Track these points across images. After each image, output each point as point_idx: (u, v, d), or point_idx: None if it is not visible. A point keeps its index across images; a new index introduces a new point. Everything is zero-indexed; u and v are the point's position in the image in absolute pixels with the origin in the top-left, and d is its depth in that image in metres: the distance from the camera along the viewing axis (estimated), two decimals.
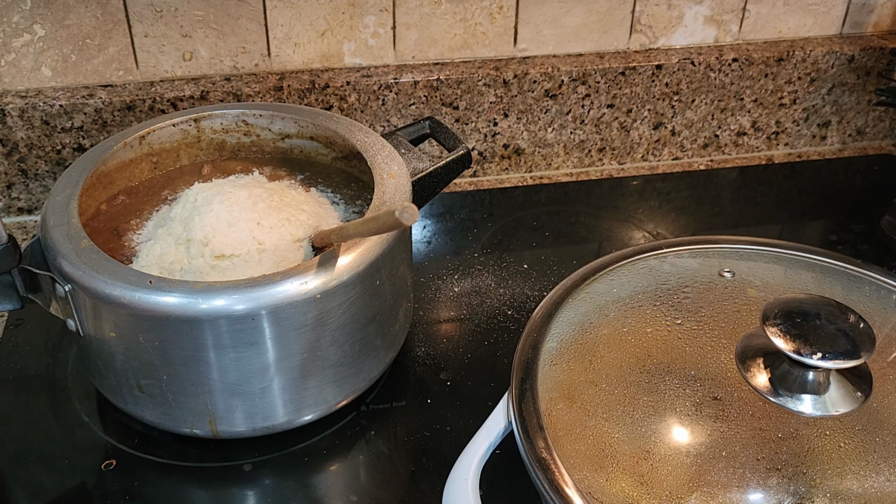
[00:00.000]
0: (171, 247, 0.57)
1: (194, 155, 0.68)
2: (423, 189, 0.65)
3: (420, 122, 0.70)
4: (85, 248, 0.53)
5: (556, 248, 0.80)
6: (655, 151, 0.95)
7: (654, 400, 0.50)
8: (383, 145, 0.64)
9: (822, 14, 0.94)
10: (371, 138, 0.64)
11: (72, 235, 0.54)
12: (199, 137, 0.68)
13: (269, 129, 0.68)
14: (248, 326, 0.50)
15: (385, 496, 0.56)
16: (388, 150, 0.63)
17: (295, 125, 0.67)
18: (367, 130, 0.66)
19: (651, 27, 0.90)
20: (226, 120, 0.67)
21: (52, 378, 0.64)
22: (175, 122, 0.66)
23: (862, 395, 0.49)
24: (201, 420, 0.55)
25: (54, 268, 0.53)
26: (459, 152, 0.66)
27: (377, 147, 0.63)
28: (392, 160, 0.62)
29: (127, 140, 0.63)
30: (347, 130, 0.65)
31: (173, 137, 0.66)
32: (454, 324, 0.71)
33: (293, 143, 0.68)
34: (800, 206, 0.89)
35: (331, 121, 0.67)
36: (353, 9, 0.81)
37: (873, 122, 0.99)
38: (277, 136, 0.68)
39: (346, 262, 0.52)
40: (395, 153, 0.63)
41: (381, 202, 0.57)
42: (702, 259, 0.61)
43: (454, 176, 0.67)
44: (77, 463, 0.58)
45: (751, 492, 0.45)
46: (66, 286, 0.52)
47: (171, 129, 0.66)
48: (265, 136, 0.68)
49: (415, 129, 0.70)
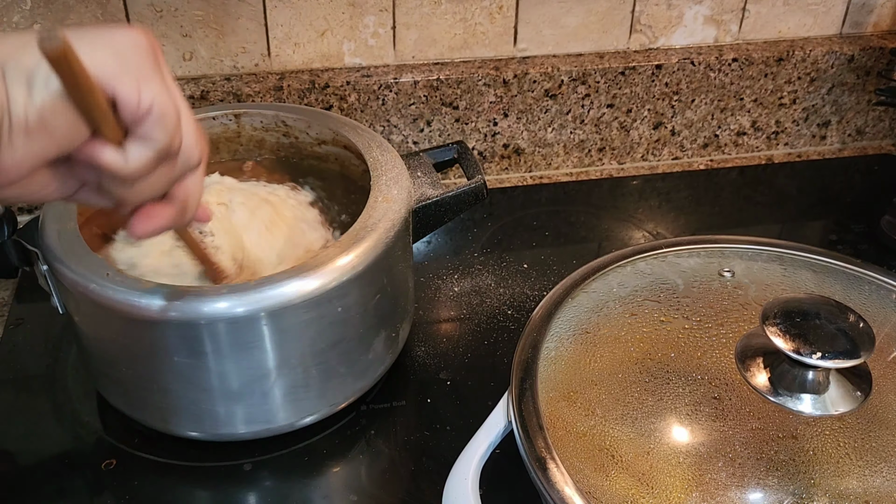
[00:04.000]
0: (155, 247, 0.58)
1: (234, 150, 0.68)
2: (428, 217, 0.61)
3: (448, 146, 0.67)
4: (68, 231, 0.54)
5: (556, 248, 0.80)
6: (655, 151, 0.95)
7: (653, 400, 0.50)
8: (394, 165, 0.60)
9: (822, 14, 0.94)
10: (386, 156, 0.61)
11: (62, 215, 0.55)
12: (239, 133, 0.67)
13: (306, 133, 0.67)
14: (194, 334, 0.50)
15: (385, 496, 0.56)
16: (397, 171, 0.60)
17: (330, 132, 0.65)
18: (385, 146, 0.62)
19: (651, 27, 0.90)
20: (265, 119, 0.67)
21: (52, 378, 0.64)
22: (215, 115, 0.66)
23: (862, 395, 0.49)
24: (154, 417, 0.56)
25: (41, 244, 0.54)
26: (471, 185, 0.62)
27: (387, 166, 0.60)
28: (396, 183, 0.58)
29: None
30: (365, 145, 0.62)
31: (213, 130, 0.66)
32: (454, 324, 0.71)
33: (328, 150, 0.67)
34: (800, 206, 0.89)
35: (354, 132, 0.64)
36: (353, 9, 0.81)
37: (873, 122, 0.99)
38: (314, 141, 0.67)
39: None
40: (403, 175, 0.60)
41: (364, 226, 0.54)
42: (702, 259, 0.61)
43: (465, 208, 0.63)
44: (77, 463, 0.58)
45: (750, 491, 0.45)
46: (44, 266, 0.53)
47: (211, 121, 0.66)
48: (303, 139, 0.67)
49: (442, 152, 0.67)
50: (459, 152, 0.67)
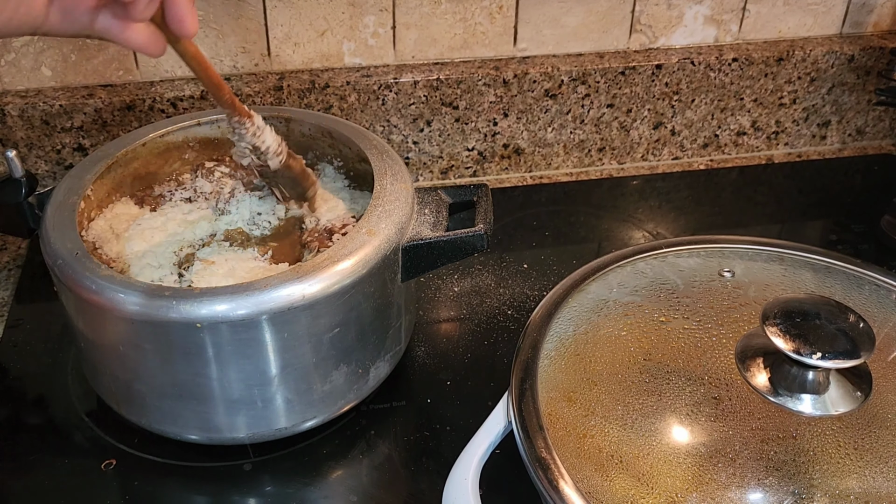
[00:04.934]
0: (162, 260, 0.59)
1: None
2: (420, 258, 0.58)
3: (471, 188, 0.63)
4: (67, 203, 0.55)
5: (556, 248, 0.80)
6: (655, 151, 0.95)
7: (654, 400, 0.50)
8: (398, 197, 0.58)
9: (822, 14, 0.94)
10: (396, 186, 0.59)
11: (71, 188, 0.56)
12: (288, 137, 0.67)
13: (348, 148, 0.65)
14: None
15: (385, 496, 0.56)
16: (398, 205, 0.57)
17: (362, 152, 0.63)
18: (400, 175, 0.60)
19: (651, 27, 0.90)
20: (312, 128, 0.67)
21: (52, 378, 0.64)
22: (264, 115, 0.61)
23: (862, 395, 0.49)
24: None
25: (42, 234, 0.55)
26: (469, 234, 0.57)
27: (390, 197, 0.58)
28: (388, 216, 0.56)
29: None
30: (381, 170, 0.60)
31: None
32: (454, 324, 0.71)
33: (365, 168, 0.63)
34: (800, 206, 0.89)
35: (378, 157, 0.62)
36: (353, 9, 0.81)
37: (873, 121, 0.99)
38: (355, 157, 0.65)
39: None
40: (404, 209, 0.57)
41: (333, 256, 0.52)
42: (702, 259, 0.61)
43: (462, 256, 0.58)
44: (77, 463, 0.58)
45: (750, 491, 0.45)
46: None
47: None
48: (346, 152, 0.66)
49: (462, 191, 0.63)
50: (478, 196, 0.63)
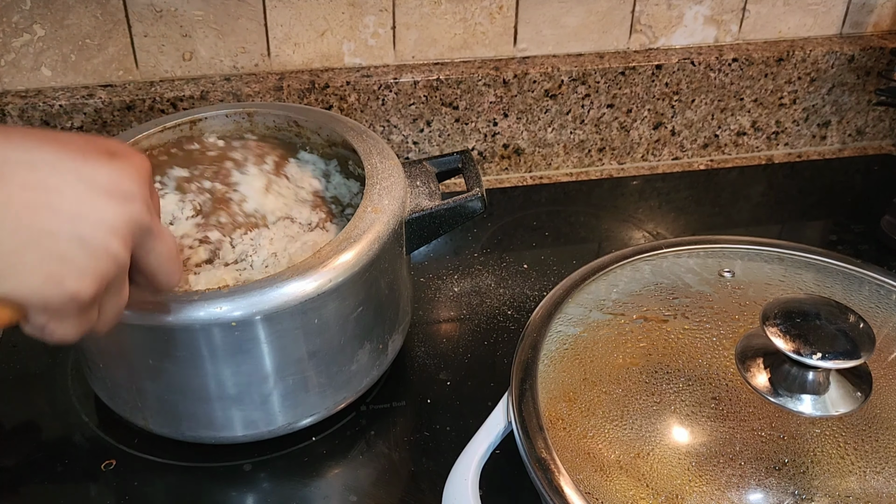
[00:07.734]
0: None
1: None
2: (423, 229, 0.60)
3: (453, 155, 0.66)
4: None
5: (556, 248, 0.80)
6: (655, 151, 0.95)
7: (653, 400, 0.50)
8: (391, 173, 0.59)
9: (822, 14, 0.94)
10: (385, 163, 0.60)
11: None
12: (253, 131, 0.68)
13: (317, 135, 0.66)
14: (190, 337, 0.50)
15: (385, 496, 0.56)
16: (393, 180, 0.58)
17: (338, 135, 0.64)
18: (386, 153, 0.61)
19: (651, 27, 0.90)
20: (278, 119, 0.67)
21: (52, 378, 0.64)
22: (227, 112, 0.67)
23: (862, 395, 0.49)
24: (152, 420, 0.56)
25: None
26: (467, 198, 0.60)
27: (383, 174, 0.59)
28: (388, 193, 0.57)
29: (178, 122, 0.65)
30: (366, 151, 0.61)
31: (226, 128, 0.67)
32: (454, 324, 0.71)
33: (338, 151, 0.66)
34: (800, 206, 0.89)
35: (358, 137, 0.63)
36: (353, 9, 0.81)
37: (873, 122, 0.99)
38: (325, 143, 0.66)
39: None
40: (399, 185, 0.58)
41: (348, 237, 0.53)
42: (702, 259, 0.61)
43: (462, 221, 0.61)
44: (77, 463, 0.58)
45: (751, 492, 0.45)
46: None
47: (224, 118, 0.67)
48: (314, 139, 0.67)
49: (446, 160, 0.66)
50: (463, 162, 0.66)
